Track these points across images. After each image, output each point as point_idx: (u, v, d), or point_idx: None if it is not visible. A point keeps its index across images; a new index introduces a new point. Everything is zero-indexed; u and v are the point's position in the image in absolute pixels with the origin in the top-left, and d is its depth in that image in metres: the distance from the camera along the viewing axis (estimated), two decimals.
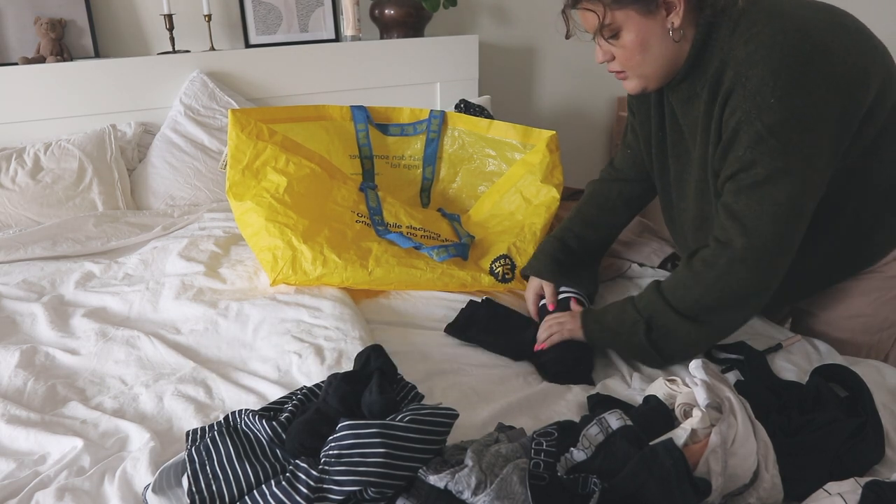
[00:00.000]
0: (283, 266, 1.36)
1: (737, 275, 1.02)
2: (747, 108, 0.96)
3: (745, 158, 0.98)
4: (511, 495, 0.72)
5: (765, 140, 0.95)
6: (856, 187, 1.08)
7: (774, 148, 0.95)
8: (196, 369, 1.14)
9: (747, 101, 0.96)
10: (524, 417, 1.00)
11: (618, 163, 1.43)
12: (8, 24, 2.07)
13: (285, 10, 2.37)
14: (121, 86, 2.13)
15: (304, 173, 1.51)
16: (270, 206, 1.42)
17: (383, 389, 0.89)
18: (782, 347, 1.18)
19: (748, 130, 0.97)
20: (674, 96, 1.13)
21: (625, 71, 1.09)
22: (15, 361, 1.17)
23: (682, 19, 1.01)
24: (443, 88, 2.54)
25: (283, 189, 1.45)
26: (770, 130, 0.95)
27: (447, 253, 1.42)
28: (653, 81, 1.10)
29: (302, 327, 1.24)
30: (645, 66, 1.06)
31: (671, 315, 1.08)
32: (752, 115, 0.96)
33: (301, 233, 1.38)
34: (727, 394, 0.84)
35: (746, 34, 0.97)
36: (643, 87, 1.10)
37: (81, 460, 0.92)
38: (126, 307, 1.38)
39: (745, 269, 1.02)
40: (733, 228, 1.01)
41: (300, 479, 0.76)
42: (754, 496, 0.78)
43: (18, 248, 1.65)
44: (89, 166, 1.97)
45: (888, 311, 1.21)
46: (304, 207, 1.45)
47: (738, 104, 0.97)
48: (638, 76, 1.09)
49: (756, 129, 0.96)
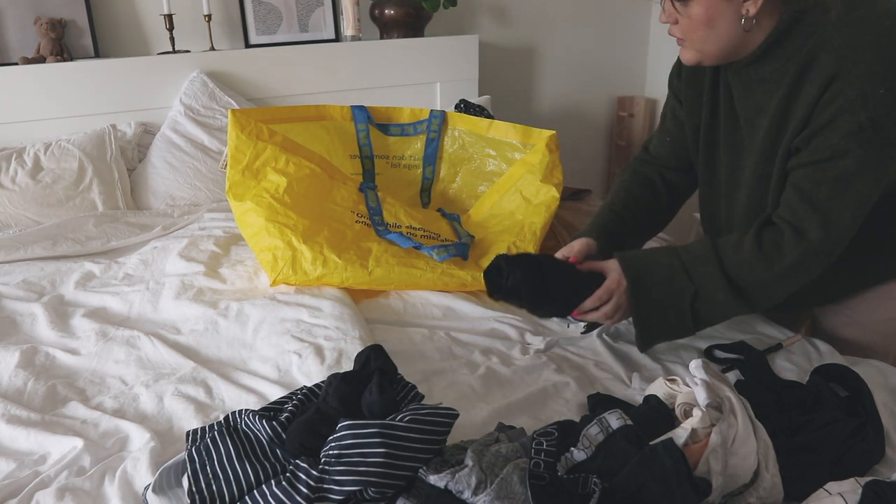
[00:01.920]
0: (283, 266, 1.36)
1: (809, 267, 1.01)
2: (852, 97, 0.91)
3: (838, 147, 0.94)
4: (511, 495, 0.72)
5: (865, 132, 0.92)
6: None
7: (872, 141, 0.92)
8: (196, 369, 1.14)
9: (852, 89, 0.91)
10: (524, 417, 1.00)
11: (654, 149, 1.33)
12: (8, 24, 2.07)
13: (285, 10, 2.37)
14: (121, 86, 2.13)
15: (304, 174, 1.51)
16: (270, 207, 1.42)
17: (383, 389, 0.89)
18: (782, 347, 1.18)
19: (849, 120, 0.92)
20: (736, 79, 1.09)
21: (685, 39, 1.05)
22: (15, 361, 1.17)
23: (759, 10, 0.97)
24: (443, 88, 2.54)
25: (283, 189, 1.45)
26: (873, 123, 0.91)
27: (447, 253, 1.42)
28: (710, 59, 1.06)
29: (302, 327, 1.24)
30: (707, 42, 1.02)
31: (727, 292, 1.04)
32: (856, 104, 0.91)
33: (301, 233, 1.38)
34: (727, 393, 0.84)
35: (847, 18, 0.93)
36: (699, 60, 1.06)
37: (82, 460, 0.92)
38: (126, 307, 1.38)
39: (818, 263, 1.00)
40: (811, 218, 0.98)
41: (300, 479, 0.76)
42: (754, 496, 0.78)
43: (18, 248, 1.65)
44: (89, 166, 1.97)
45: None
46: (304, 208, 1.45)
47: (842, 90, 0.92)
48: (697, 49, 1.05)
49: (858, 119, 0.91)
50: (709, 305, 1.06)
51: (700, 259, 1.06)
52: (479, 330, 1.29)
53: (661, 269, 1.08)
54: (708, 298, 1.06)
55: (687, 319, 1.08)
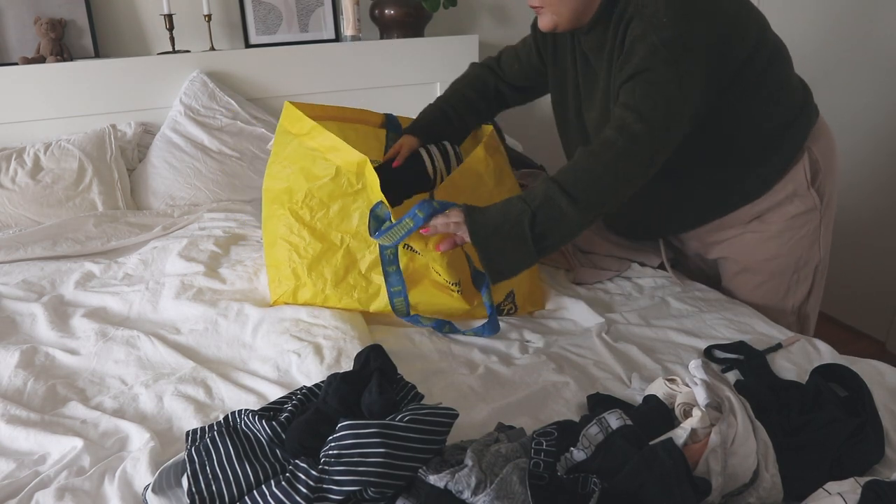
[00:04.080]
0: (284, 293, 1.32)
1: (633, 154, 1.11)
2: (644, 27, 1.11)
3: (641, 65, 1.11)
4: (511, 495, 0.72)
5: (658, 51, 1.09)
6: (742, 125, 1.25)
7: (667, 58, 1.09)
8: (196, 369, 1.14)
9: (644, 22, 1.11)
10: (524, 417, 1.00)
11: (503, 61, 1.53)
12: (8, 24, 2.07)
13: (285, 10, 2.37)
14: (121, 86, 2.13)
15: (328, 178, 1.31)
16: (287, 220, 1.30)
17: (383, 389, 0.90)
18: (782, 347, 1.18)
19: (644, 42, 1.10)
20: (586, 44, 1.28)
21: (543, 7, 1.22)
22: (15, 361, 1.17)
23: None
24: (443, 88, 2.50)
25: (303, 198, 1.29)
26: (663, 42, 1.09)
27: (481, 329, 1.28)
28: (564, 22, 1.22)
29: (301, 326, 1.24)
30: (561, 5, 1.20)
31: (563, 200, 1.10)
32: (648, 31, 1.10)
33: (309, 262, 1.28)
34: (727, 393, 0.84)
35: None
36: (555, 24, 1.23)
37: (81, 460, 0.92)
38: (126, 307, 1.39)
39: (640, 150, 1.11)
40: (630, 116, 1.11)
41: (300, 479, 0.76)
42: (754, 496, 0.78)
43: (18, 248, 1.65)
44: (89, 166, 1.97)
45: (801, 249, 1.38)
46: (320, 223, 1.30)
47: (636, 25, 1.12)
48: (554, 13, 1.21)
49: (651, 41, 1.10)
50: (548, 223, 1.12)
51: (536, 189, 1.15)
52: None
53: (499, 203, 1.16)
54: (546, 215, 1.11)
55: (527, 243, 1.12)
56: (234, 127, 2.16)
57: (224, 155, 2.11)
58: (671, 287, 1.45)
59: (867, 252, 2.38)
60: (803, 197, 1.34)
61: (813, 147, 1.32)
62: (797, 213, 1.35)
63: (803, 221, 1.36)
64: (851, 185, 2.39)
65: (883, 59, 2.25)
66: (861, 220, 2.39)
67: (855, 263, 2.42)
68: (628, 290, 1.47)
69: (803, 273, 1.40)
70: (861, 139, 2.35)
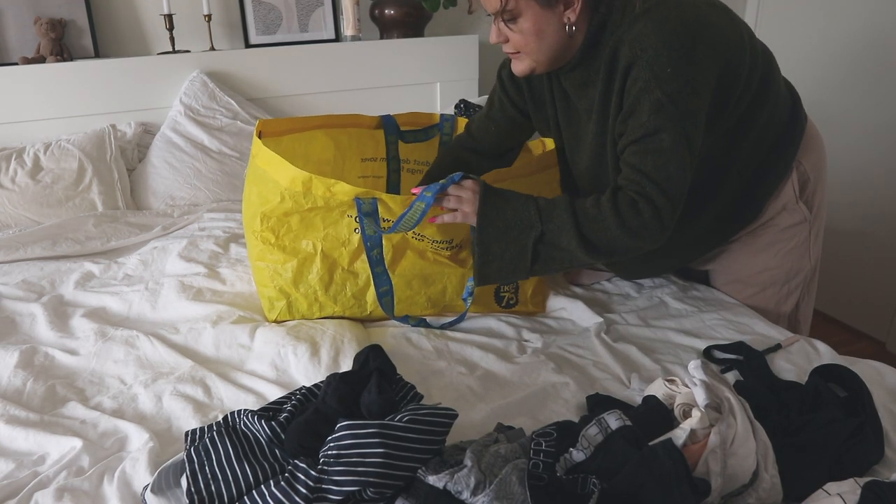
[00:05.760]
0: (280, 311, 1.30)
1: (655, 228, 1.08)
2: (646, 79, 1.04)
3: (649, 125, 1.05)
4: (510, 495, 0.72)
5: (664, 107, 1.04)
6: (738, 150, 1.20)
7: (673, 115, 1.04)
8: (194, 368, 1.14)
9: (645, 72, 1.04)
10: (523, 417, 1.00)
11: (475, 132, 1.45)
12: (8, 24, 2.07)
13: (285, 10, 2.37)
14: (121, 86, 2.13)
15: None
16: (258, 247, 1.27)
17: (382, 389, 0.90)
18: (782, 347, 1.18)
19: (649, 99, 1.04)
20: (567, 82, 1.22)
21: (519, 52, 1.16)
22: (14, 361, 1.17)
23: (578, 16, 1.08)
24: (443, 88, 2.54)
25: (261, 222, 1.25)
26: (670, 98, 1.03)
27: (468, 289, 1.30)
28: (542, 66, 1.17)
29: (299, 326, 1.24)
30: (539, 52, 1.14)
31: (573, 241, 1.09)
32: (651, 84, 1.04)
33: (292, 276, 1.26)
34: (726, 394, 0.84)
35: (639, 11, 1.06)
36: (532, 69, 1.17)
37: (80, 460, 0.92)
38: (125, 307, 1.39)
39: (662, 225, 1.08)
40: (648, 184, 1.07)
41: (299, 480, 0.76)
42: (754, 496, 0.78)
43: (18, 248, 1.65)
44: (89, 166, 1.97)
45: (791, 261, 1.35)
46: (290, 236, 1.26)
47: (639, 74, 1.05)
48: (532, 59, 1.16)
49: (656, 97, 1.04)
50: (551, 249, 1.11)
51: (554, 205, 1.12)
52: (477, 329, 1.29)
53: (516, 200, 1.13)
54: (553, 242, 1.10)
55: (526, 257, 1.12)
56: (234, 127, 2.17)
57: (224, 155, 2.12)
58: (669, 287, 1.45)
59: (867, 252, 2.38)
60: (792, 211, 1.32)
61: (803, 160, 1.29)
62: (787, 226, 1.33)
63: (793, 234, 1.33)
64: (852, 184, 2.39)
65: (883, 55, 2.25)
66: (861, 221, 2.39)
67: (855, 264, 2.42)
68: (626, 290, 1.47)
69: (794, 283, 1.38)
70: (861, 137, 2.35)
